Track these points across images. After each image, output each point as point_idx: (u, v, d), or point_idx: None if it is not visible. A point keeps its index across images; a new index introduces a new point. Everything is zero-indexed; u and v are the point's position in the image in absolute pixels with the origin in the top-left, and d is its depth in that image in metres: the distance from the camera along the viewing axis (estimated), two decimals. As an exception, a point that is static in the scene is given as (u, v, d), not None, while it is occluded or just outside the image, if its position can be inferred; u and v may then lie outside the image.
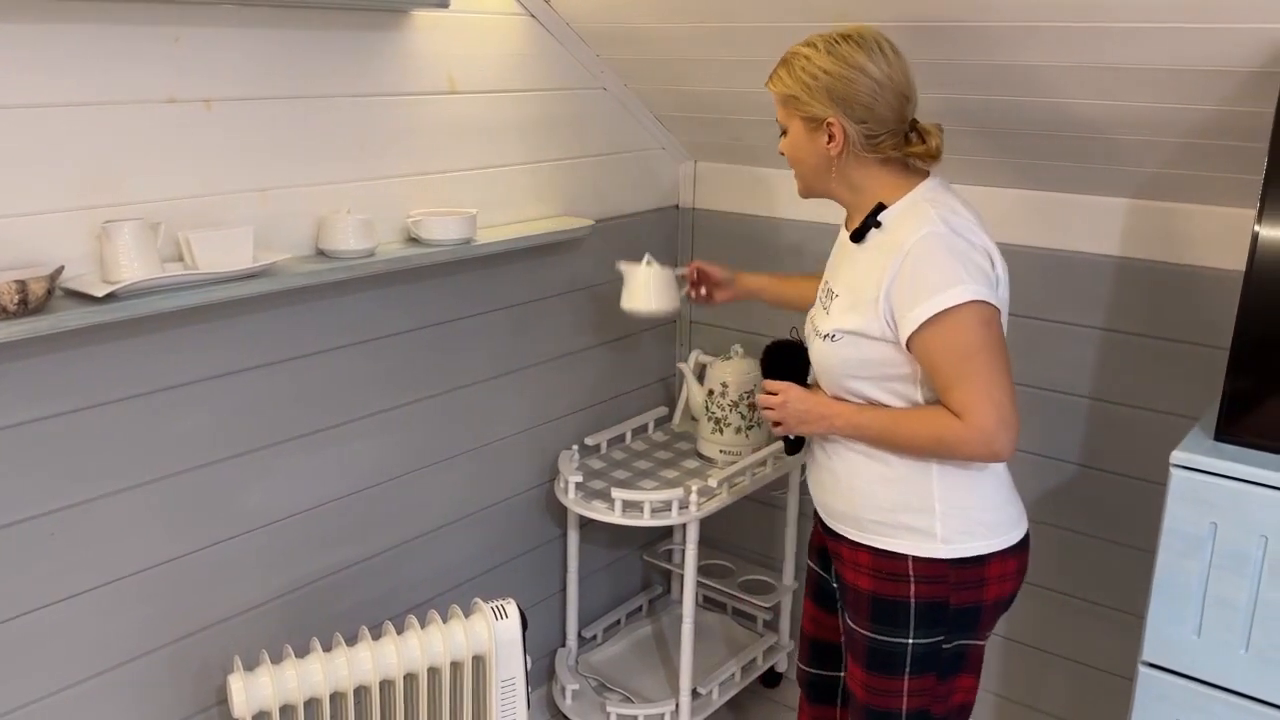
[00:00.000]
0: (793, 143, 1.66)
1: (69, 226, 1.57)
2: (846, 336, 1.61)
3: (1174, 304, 2.07)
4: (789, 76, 1.61)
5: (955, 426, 1.54)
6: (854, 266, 1.64)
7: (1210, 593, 1.57)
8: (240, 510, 1.90)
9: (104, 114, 1.58)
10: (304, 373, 1.94)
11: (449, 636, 1.86)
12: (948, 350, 1.52)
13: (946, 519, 1.63)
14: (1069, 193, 2.14)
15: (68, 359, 1.61)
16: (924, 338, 1.52)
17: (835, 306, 1.66)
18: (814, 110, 1.59)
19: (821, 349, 1.66)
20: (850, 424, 1.64)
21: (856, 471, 1.68)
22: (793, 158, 1.68)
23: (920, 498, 1.63)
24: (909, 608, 1.65)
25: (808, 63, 1.59)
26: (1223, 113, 1.74)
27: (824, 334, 1.65)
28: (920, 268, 1.52)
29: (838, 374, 1.65)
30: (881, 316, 1.56)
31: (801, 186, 1.72)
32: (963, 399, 1.52)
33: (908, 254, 1.53)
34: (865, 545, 1.68)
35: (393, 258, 1.90)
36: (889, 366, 1.60)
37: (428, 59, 2.02)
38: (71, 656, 1.71)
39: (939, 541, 1.63)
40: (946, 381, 1.54)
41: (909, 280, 1.52)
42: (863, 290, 1.59)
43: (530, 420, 2.46)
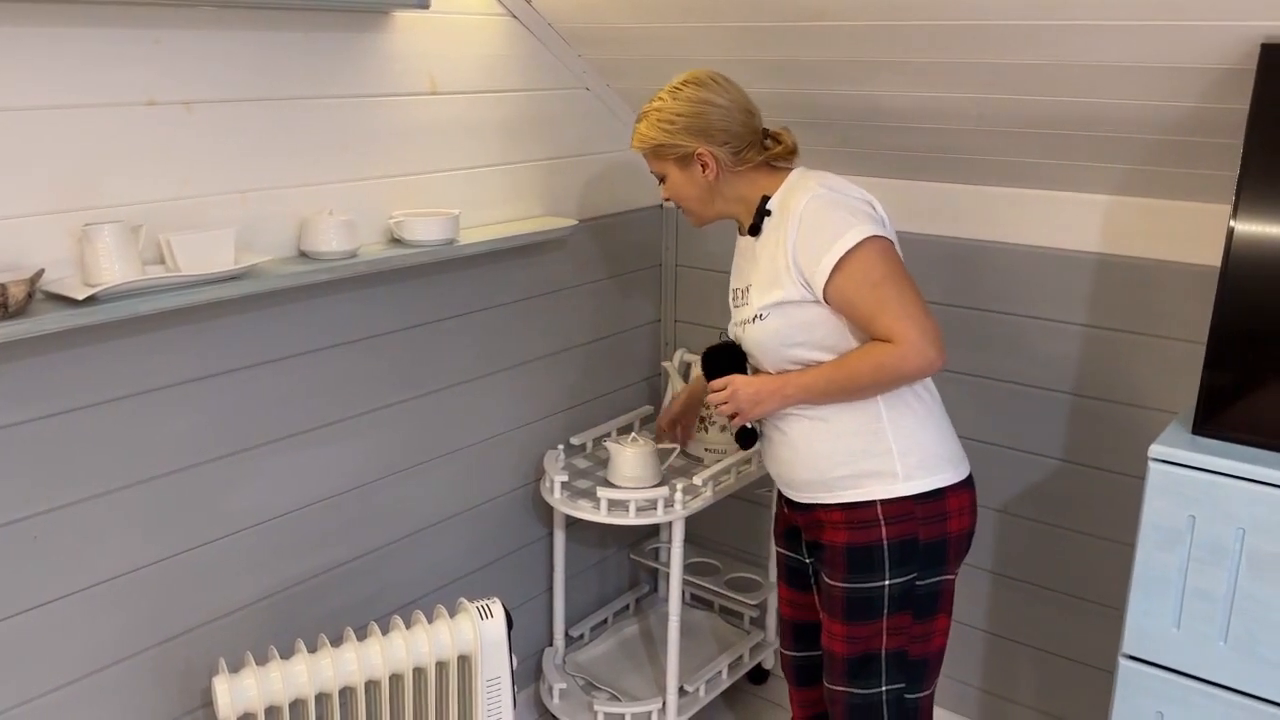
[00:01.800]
0: (674, 184, 1.84)
1: (49, 229, 1.57)
2: (772, 310, 1.75)
3: (1153, 299, 2.09)
4: (650, 130, 1.81)
5: (889, 349, 1.67)
6: (761, 254, 1.79)
7: (1189, 585, 1.59)
8: (224, 512, 1.89)
9: (84, 116, 1.58)
10: (287, 374, 1.94)
11: (434, 636, 1.87)
12: (860, 286, 1.67)
13: (905, 457, 1.75)
14: (1049, 189, 2.15)
15: (49, 362, 1.61)
16: (836, 283, 1.67)
17: (753, 294, 1.79)
18: (681, 149, 1.79)
19: (753, 332, 1.79)
20: (799, 386, 1.75)
21: (814, 436, 1.79)
22: (679, 196, 1.85)
23: (876, 440, 1.76)
24: (882, 550, 1.75)
25: (660, 113, 1.80)
26: (1199, 109, 1.75)
27: (752, 317, 1.78)
28: (815, 225, 1.69)
29: (776, 347, 1.77)
30: (796, 280, 1.71)
31: (696, 219, 1.89)
32: (888, 324, 1.66)
33: (800, 218, 1.70)
34: (836, 504, 1.79)
35: (375, 259, 1.90)
36: (817, 326, 1.74)
37: (409, 60, 2.02)
38: (56, 660, 1.71)
39: (901, 480, 1.75)
40: (868, 315, 1.68)
41: (808, 238, 1.69)
42: (772, 266, 1.75)
43: (515, 420, 2.46)
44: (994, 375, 2.31)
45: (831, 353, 1.75)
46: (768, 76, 2.16)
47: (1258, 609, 1.53)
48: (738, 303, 1.88)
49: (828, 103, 2.16)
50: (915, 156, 2.24)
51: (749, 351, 1.85)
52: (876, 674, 1.82)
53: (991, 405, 2.33)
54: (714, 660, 2.58)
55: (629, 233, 2.69)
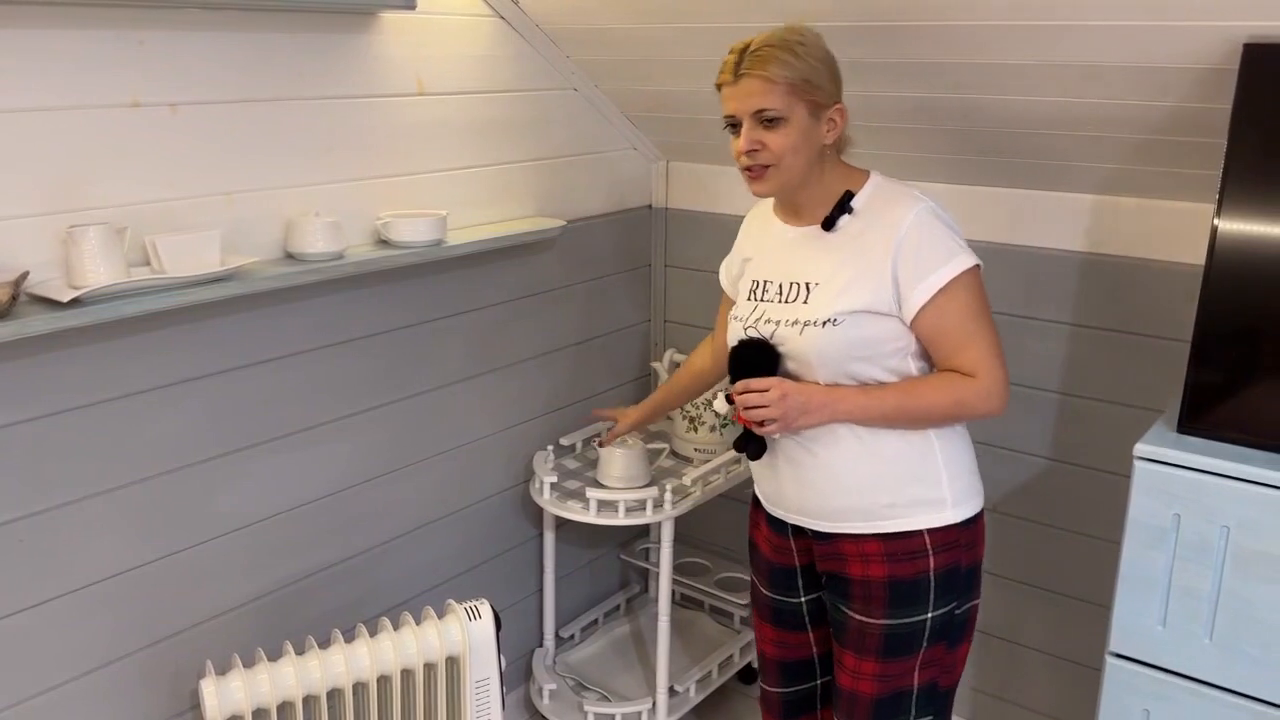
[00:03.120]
0: (790, 134, 1.57)
1: (34, 231, 1.56)
2: (850, 317, 1.60)
3: (1138, 298, 2.09)
4: (796, 60, 1.55)
5: (973, 385, 1.59)
6: (833, 253, 1.64)
7: (1174, 583, 1.60)
8: (212, 515, 1.89)
9: (68, 118, 1.58)
10: (273, 376, 1.93)
11: (422, 638, 1.86)
12: (957, 315, 1.58)
13: (954, 482, 1.67)
14: (1033, 189, 2.16)
15: (35, 364, 1.60)
16: (937, 306, 1.57)
17: (821, 293, 1.62)
18: (823, 95, 1.58)
19: (819, 336, 1.61)
20: (858, 405, 1.61)
21: (859, 460, 1.65)
22: (786, 150, 1.58)
23: (927, 467, 1.65)
24: (929, 582, 1.66)
25: (806, 48, 1.57)
26: (1182, 109, 1.76)
27: (820, 320, 1.61)
28: (925, 240, 1.57)
29: (841, 359, 1.62)
30: (888, 292, 1.58)
31: (781, 182, 1.62)
32: (976, 358, 1.59)
33: (908, 231, 1.57)
34: (873, 534, 1.66)
35: (362, 260, 1.90)
36: (889, 342, 1.62)
37: (395, 61, 2.02)
38: (43, 662, 1.70)
39: (950, 507, 1.66)
40: (955, 346, 1.60)
41: (913, 254, 1.57)
42: (860, 269, 1.60)
43: (504, 421, 2.46)
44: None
45: (892, 374, 1.63)
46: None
47: (1242, 607, 1.53)
48: (771, 297, 1.69)
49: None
50: (899, 156, 2.24)
51: (796, 355, 1.65)
52: (906, 710, 1.71)
53: (979, 404, 2.33)
54: (704, 660, 2.58)
55: (618, 234, 2.69)
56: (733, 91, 1.59)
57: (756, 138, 1.58)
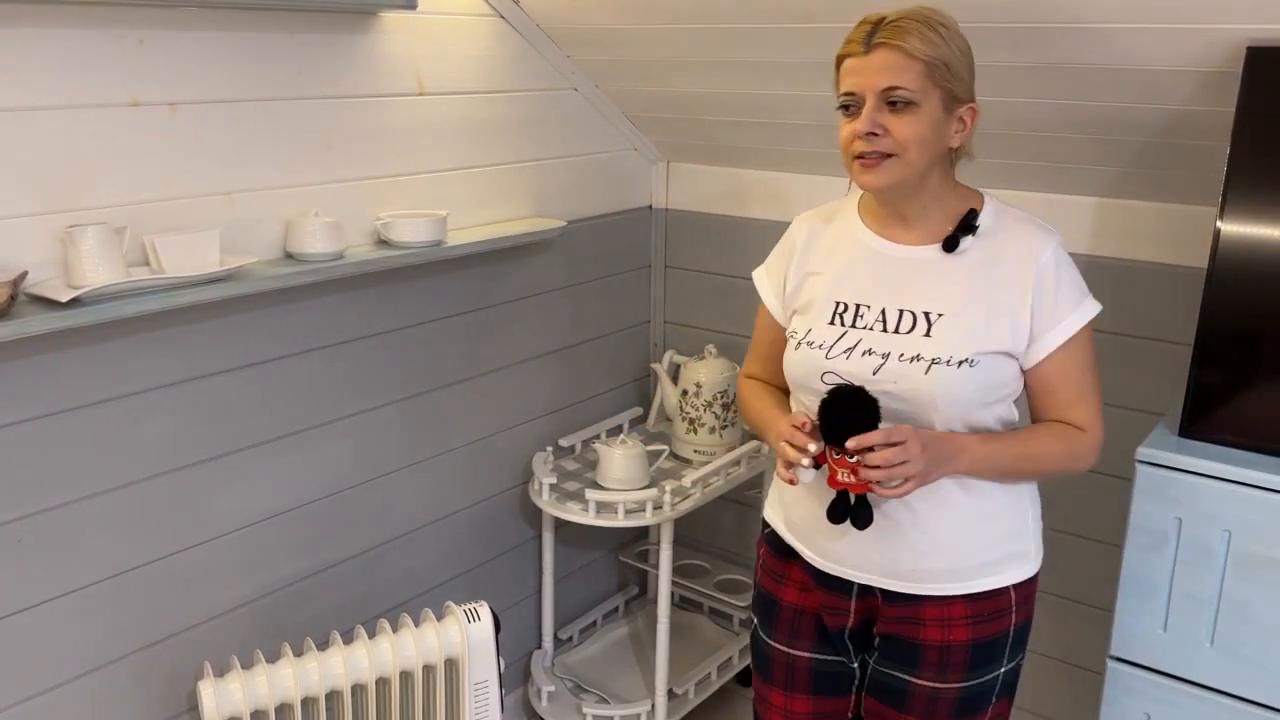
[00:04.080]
0: (927, 119, 1.37)
1: (32, 231, 1.55)
2: (988, 358, 1.42)
3: (1139, 301, 2.09)
4: (940, 40, 1.37)
5: (1086, 442, 1.49)
6: (958, 280, 1.45)
7: (1176, 587, 1.59)
8: (210, 515, 1.88)
9: (67, 118, 1.57)
10: (273, 376, 1.93)
11: (420, 640, 1.86)
12: (1081, 365, 1.47)
13: (1037, 534, 1.57)
14: (1036, 191, 2.15)
15: (32, 364, 1.60)
16: (1065, 351, 1.44)
17: (951, 327, 1.43)
18: (960, 87, 1.40)
19: (952, 377, 1.41)
20: (980, 456, 1.44)
21: (962, 516, 1.49)
22: (919, 138, 1.38)
23: (1019, 520, 1.54)
24: (1007, 638, 1.54)
25: (949, 31, 1.39)
26: (1185, 112, 1.76)
27: (955, 359, 1.41)
28: (1062, 278, 1.43)
29: (970, 404, 1.44)
30: (1025, 331, 1.43)
31: (900, 177, 1.40)
32: (1089, 412, 1.49)
33: (1046, 263, 1.43)
34: (962, 595, 1.51)
35: (361, 260, 1.89)
36: (1009, 386, 1.47)
37: (396, 61, 2.01)
38: (40, 663, 1.70)
39: (1032, 558, 1.56)
40: (1072, 397, 1.48)
41: (1052, 292, 1.43)
42: (995, 304, 1.43)
43: (504, 422, 2.45)
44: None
45: (996, 420, 1.49)
46: (757, 78, 2.16)
47: (1244, 611, 1.53)
48: (869, 324, 1.47)
49: (817, 105, 2.16)
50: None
51: (912, 397, 1.43)
52: None
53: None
54: (703, 662, 2.57)
55: (618, 234, 2.69)
56: (860, 64, 1.38)
57: (880, 120, 1.37)
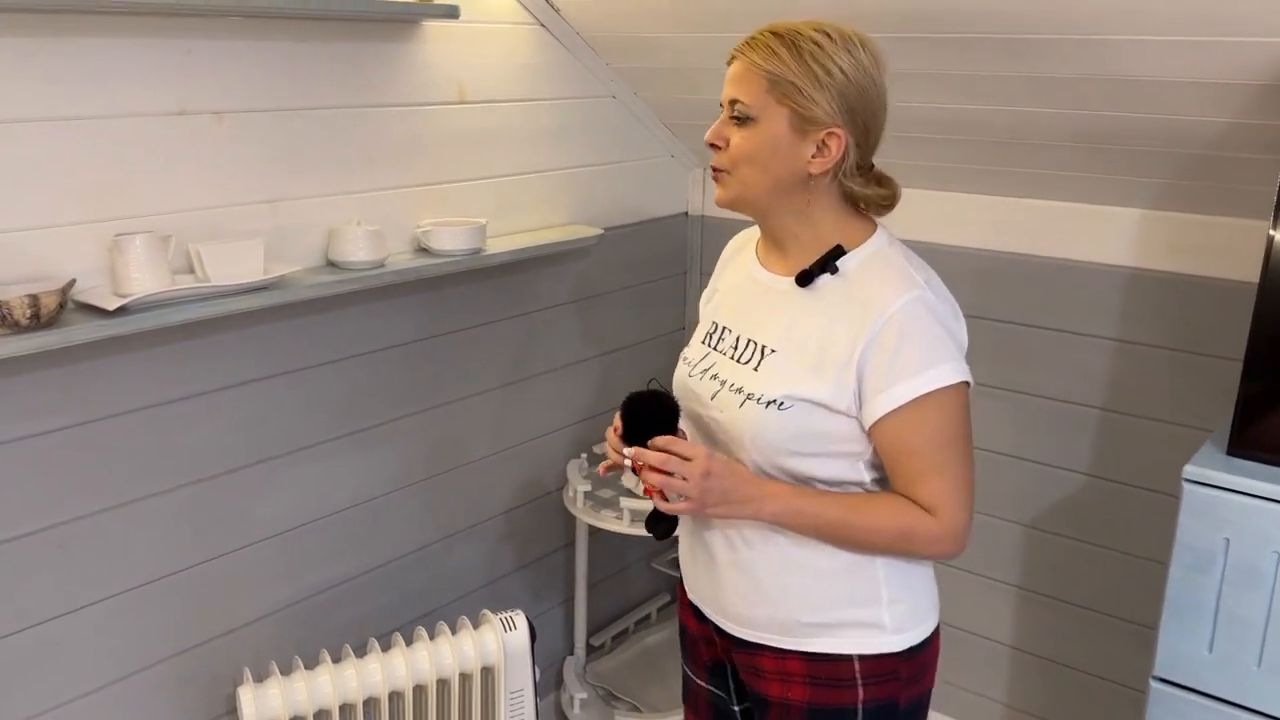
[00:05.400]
0: (763, 138, 1.31)
1: (81, 239, 1.57)
2: (800, 405, 1.33)
3: (1186, 315, 2.06)
4: (792, 58, 1.29)
5: (928, 523, 1.33)
6: (799, 317, 1.37)
7: (1223, 608, 1.57)
8: (250, 521, 1.90)
9: (116, 127, 1.58)
10: (311, 383, 1.94)
11: (457, 648, 1.86)
12: (926, 437, 1.31)
13: (895, 605, 1.41)
14: (1081, 202, 2.13)
15: (78, 371, 1.61)
16: (900, 420, 1.30)
17: (776, 365, 1.36)
18: (816, 111, 1.29)
19: (759, 416, 1.34)
20: (790, 509, 1.34)
21: (784, 568, 1.40)
22: (749, 155, 1.32)
23: (866, 588, 1.40)
24: (856, 716, 1.41)
25: (820, 51, 1.29)
26: (1236, 125, 1.73)
27: (765, 398, 1.34)
28: (906, 338, 1.29)
29: (779, 449, 1.35)
30: (849, 387, 1.31)
31: (735, 194, 1.37)
32: (938, 493, 1.32)
33: (890, 319, 1.29)
34: (796, 651, 1.42)
35: (402, 269, 1.90)
36: (841, 443, 1.35)
37: (438, 69, 2.02)
38: (82, 667, 1.71)
39: (889, 633, 1.41)
40: (917, 471, 1.32)
41: (890, 351, 1.29)
42: (825, 352, 1.33)
43: (539, 428, 2.46)
44: (1023, 389, 2.29)
45: (835, 481, 1.38)
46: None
47: (1294, 634, 1.51)
48: (726, 348, 1.44)
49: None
50: (946, 168, 2.22)
51: (728, 429, 1.39)
52: None
53: (1020, 419, 2.30)
54: (736, 672, 2.56)
55: (654, 240, 2.68)
56: (727, 73, 1.37)
57: (722, 132, 1.35)
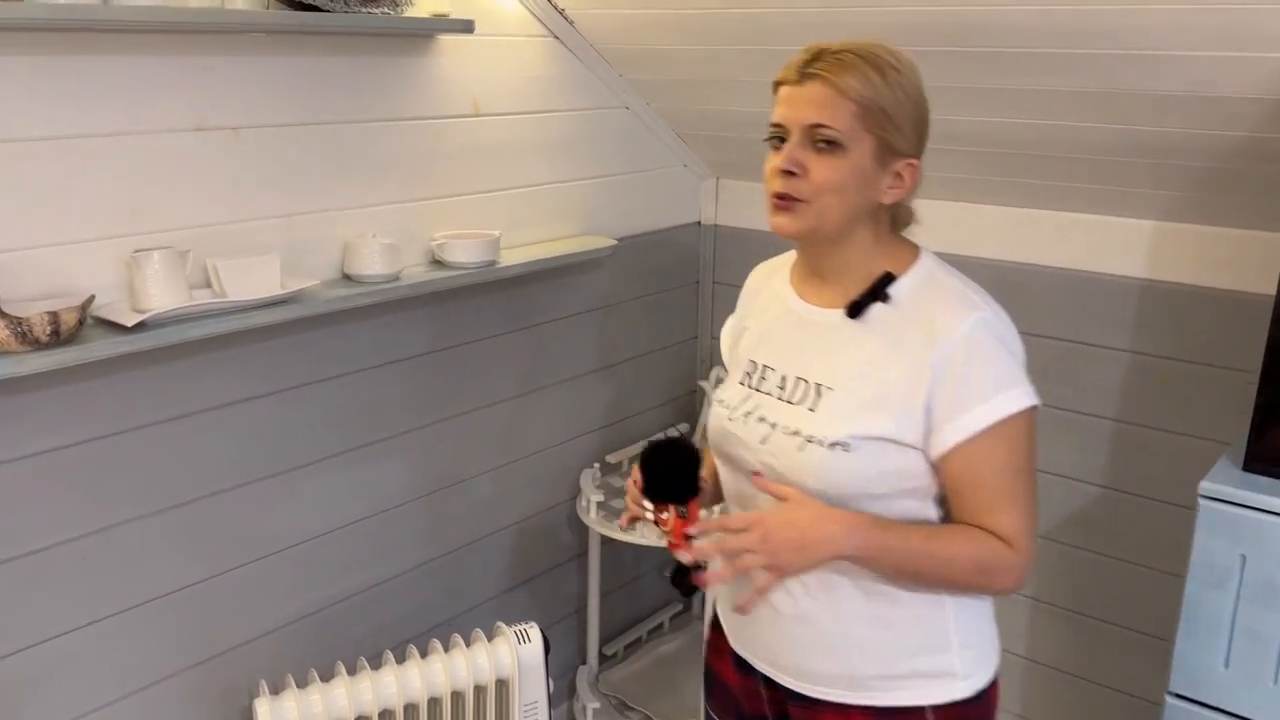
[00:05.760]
0: (851, 167, 1.23)
1: (99, 255, 1.58)
2: (868, 444, 1.24)
3: (1202, 327, 2.05)
4: (883, 82, 1.22)
5: (1003, 554, 1.25)
6: (852, 350, 1.29)
7: (1239, 624, 1.56)
8: (264, 533, 1.90)
9: (134, 143, 1.59)
10: (327, 396, 1.95)
11: (472, 661, 1.87)
12: (998, 466, 1.24)
13: (965, 650, 1.34)
14: (1096, 214, 2.13)
15: (97, 386, 1.62)
16: (971, 449, 1.23)
17: (834, 403, 1.27)
18: (900, 141, 1.25)
19: (824, 460, 1.25)
20: (872, 543, 1.23)
21: (851, 618, 1.31)
22: (837, 185, 1.23)
23: (937, 634, 1.33)
24: None
25: (900, 76, 1.23)
26: (1251, 139, 1.73)
27: (828, 440, 1.25)
28: (974, 363, 1.23)
29: (849, 494, 1.26)
30: (917, 419, 1.24)
31: (809, 225, 1.26)
32: (1011, 523, 1.25)
33: (956, 344, 1.23)
34: (862, 706, 1.33)
35: (417, 282, 1.91)
36: (911, 480, 1.27)
37: (452, 83, 2.02)
38: (99, 679, 1.72)
39: (960, 679, 1.34)
40: (988, 502, 1.25)
41: (958, 378, 1.22)
42: (886, 384, 1.25)
43: (552, 438, 2.46)
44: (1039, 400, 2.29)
45: (904, 514, 1.29)
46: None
47: (1311, 651, 1.50)
48: (770, 389, 1.34)
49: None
50: (961, 179, 2.22)
51: (790, 476, 1.28)
52: None
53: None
54: (749, 682, 2.56)
55: (667, 250, 2.69)
56: (791, 94, 1.25)
57: (800, 159, 1.24)
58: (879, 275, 1.29)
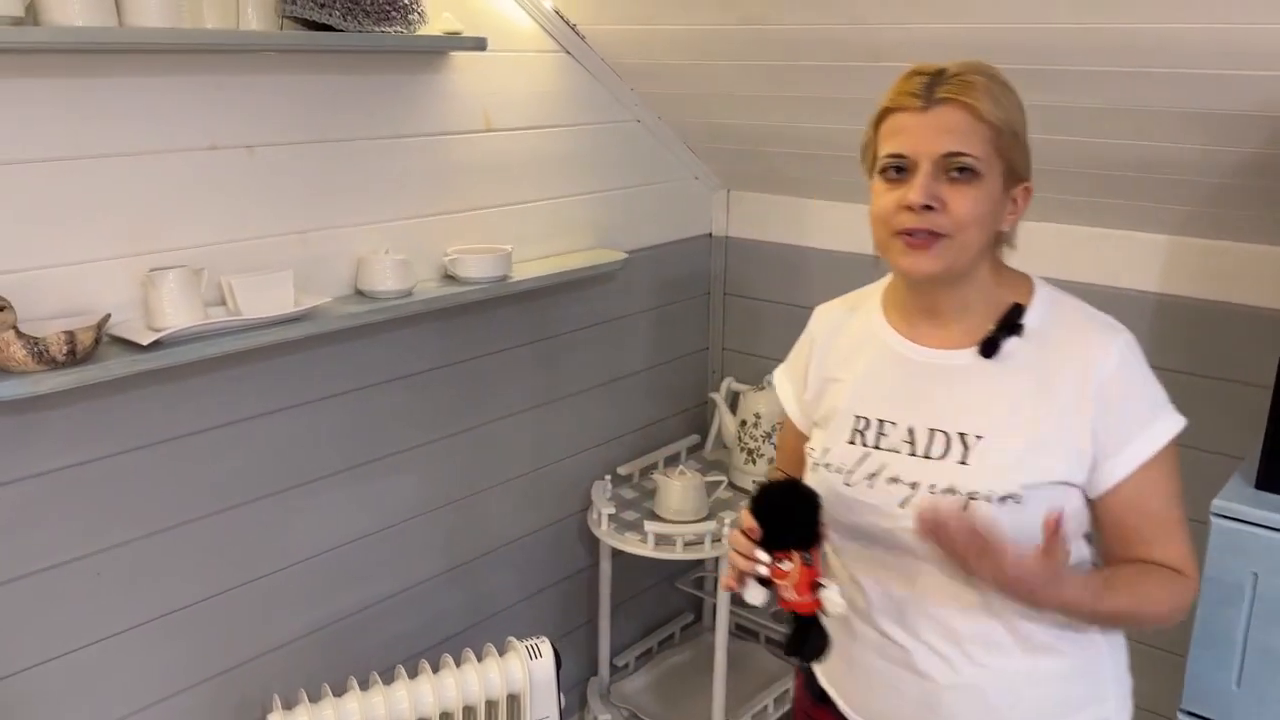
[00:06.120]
0: (989, 195, 1.15)
1: (115, 274, 1.60)
2: (1038, 492, 1.15)
3: (1215, 341, 2.05)
4: (1012, 105, 1.16)
5: (1186, 587, 1.20)
6: (993, 391, 1.20)
7: (1251, 642, 1.56)
8: (278, 547, 1.92)
9: (149, 163, 1.61)
10: (340, 410, 1.96)
11: (484, 675, 1.88)
12: (1165, 494, 1.19)
13: (1119, 690, 1.31)
14: (1109, 228, 2.13)
15: (112, 403, 1.64)
16: (1139, 479, 1.17)
17: (990, 452, 1.18)
18: (1023, 162, 1.18)
19: (997, 516, 1.15)
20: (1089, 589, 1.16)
21: (1018, 681, 1.22)
22: (980, 217, 1.14)
23: (1096, 681, 1.28)
24: None
25: (1014, 95, 1.17)
26: (1262, 155, 1.72)
27: (997, 494, 1.15)
28: (1131, 388, 1.18)
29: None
30: (1086, 455, 1.17)
31: (952, 261, 1.16)
32: (1181, 551, 1.20)
33: (1112, 370, 1.17)
34: None
35: (429, 297, 1.92)
36: (1075, 521, 1.20)
37: (464, 99, 2.03)
38: (115, 692, 1.74)
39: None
40: (1156, 534, 1.20)
41: (1121, 407, 1.17)
42: (1041, 422, 1.17)
43: (564, 451, 2.47)
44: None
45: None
46: (822, 114, 2.15)
47: (1324, 671, 1.50)
48: (895, 445, 1.23)
49: (881, 140, 2.15)
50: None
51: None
52: None
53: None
54: (760, 694, 2.56)
55: (678, 261, 2.69)
56: (916, 122, 1.14)
57: (937, 192, 1.13)
58: (1006, 308, 1.22)
